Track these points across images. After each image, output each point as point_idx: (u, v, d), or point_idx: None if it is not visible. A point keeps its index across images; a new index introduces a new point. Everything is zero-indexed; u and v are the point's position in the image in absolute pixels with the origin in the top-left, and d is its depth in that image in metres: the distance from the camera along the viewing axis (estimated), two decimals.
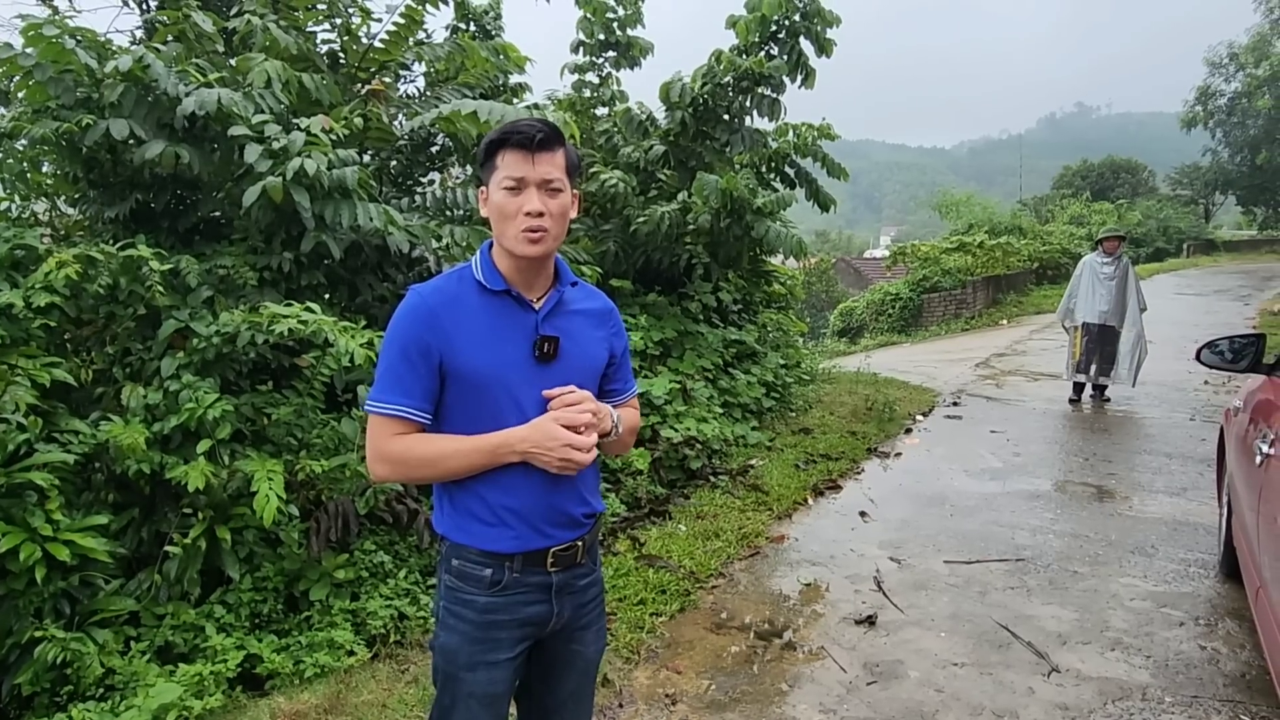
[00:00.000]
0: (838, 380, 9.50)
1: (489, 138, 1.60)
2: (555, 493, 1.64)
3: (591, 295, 1.79)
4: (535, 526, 1.63)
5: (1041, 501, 5.36)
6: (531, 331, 1.62)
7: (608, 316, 1.79)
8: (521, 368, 1.61)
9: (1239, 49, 39.60)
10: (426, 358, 1.57)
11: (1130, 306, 8.11)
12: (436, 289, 1.63)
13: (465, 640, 1.64)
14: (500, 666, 1.65)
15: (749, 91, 7.04)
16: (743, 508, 5.13)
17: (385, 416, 1.59)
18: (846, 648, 3.50)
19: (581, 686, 1.82)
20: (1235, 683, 3.18)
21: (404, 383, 1.58)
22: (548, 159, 1.57)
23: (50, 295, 3.20)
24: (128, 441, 3.09)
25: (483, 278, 1.62)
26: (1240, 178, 41.80)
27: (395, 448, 1.58)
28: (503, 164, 1.57)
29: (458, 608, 1.65)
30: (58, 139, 3.72)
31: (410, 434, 1.59)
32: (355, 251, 4.25)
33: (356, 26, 4.93)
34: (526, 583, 1.65)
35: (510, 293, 1.62)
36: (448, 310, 1.59)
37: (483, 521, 1.62)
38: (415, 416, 1.59)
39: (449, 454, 1.58)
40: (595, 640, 1.81)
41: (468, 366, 1.58)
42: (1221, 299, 18.66)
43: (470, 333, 1.59)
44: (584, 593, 1.74)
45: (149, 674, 2.92)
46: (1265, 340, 3.76)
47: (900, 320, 18.45)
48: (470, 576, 1.64)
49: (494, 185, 1.59)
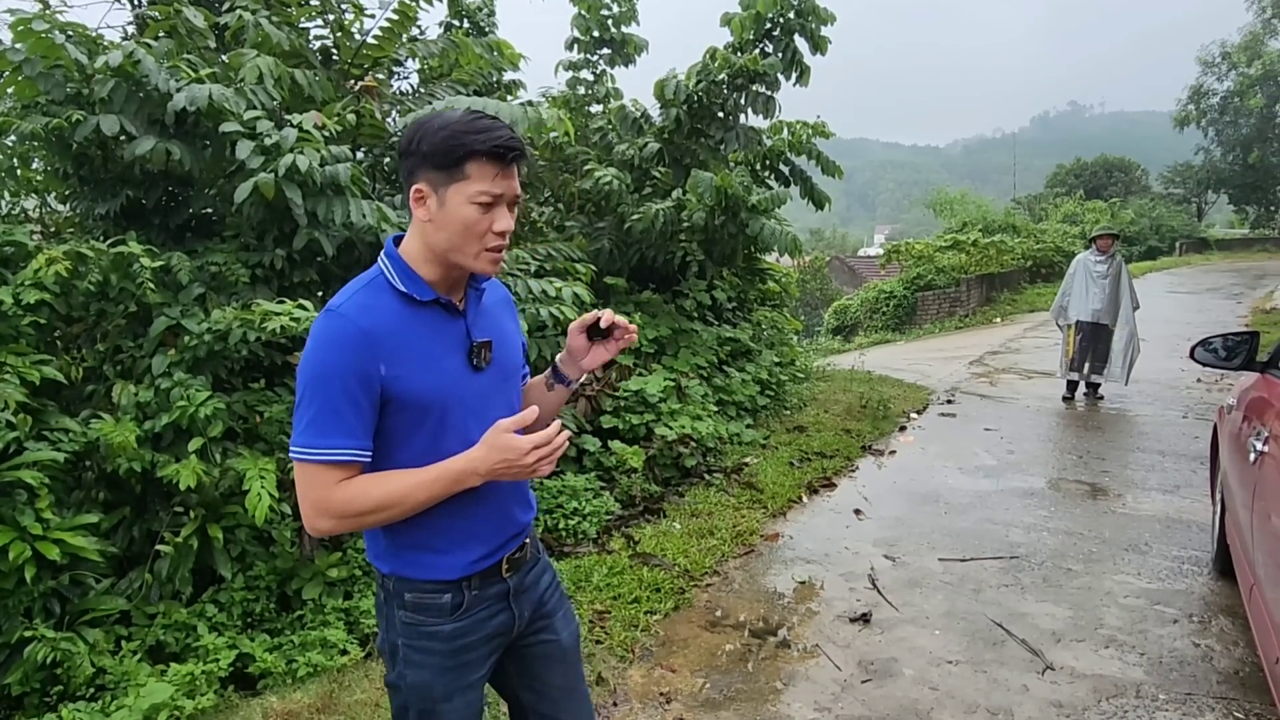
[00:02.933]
0: (832, 378, 9.50)
1: (450, 139, 1.39)
2: (505, 504, 1.59)
3: (494, 285, 1.66)
4: (489, 542, 1.57)
5: (1035, 499, 5.37)
6: (463, 340, 1.51)
7: (510, 303, 1.71)
8: (460, 381, 1.49)
9: (1231, 48, 39.79)
10: (368, 388, 1.39)
11: (1123, 305, 8.09)
12: (359, 306, 1.42)
13: (437, 673, 1.53)
14: (474, 687, 1.60)
15: (744, 89, 7.04)
16: (737, 506, 5.12)
17: (325, 465, 1.39)
18: (841, 646, 3.49)
19: (569, 678, 1.74)
20: (1229, 680, 3.19)
21: (345, 421, 1.38)
22: (515, 172, 1.45)
23: (40, 292, 3.18)
24: (119, 440, 3.07)
25: (404, 288, 1.45)
26: (1232, 176, 41.99)
27: (340, 497, 1.39)
28: (474, 175, 1.39)
29: (422, 641, 1.53)
30: (47, 135, 3.69)
31: (354, 478, 1.41)
32: (348, 249, 4.23)
33: (349, 22, 4.90)
34: (486, 596, 1.58)
35: (440, 301, 1.48)
36: (380, 329, 1.41)
37: (435, 551, 1.51)
38: (359, 457, 1.41)
39: (409, 491, 1.41)
40: (565, 624, 1.74)
41: (413, 391, 1.43)
42: (1214, 297, 18.72)
43: (409, 353, 1.43)
44: (538, 585, 1.69)
45: (140, 674, 2.90)
46: (1259, 338, 3.77)
47: (894, 318, 18.50)
48: (429, 607, 1.53)
49: (457, 196, 1.40)
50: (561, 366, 1.73)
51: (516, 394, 1.67)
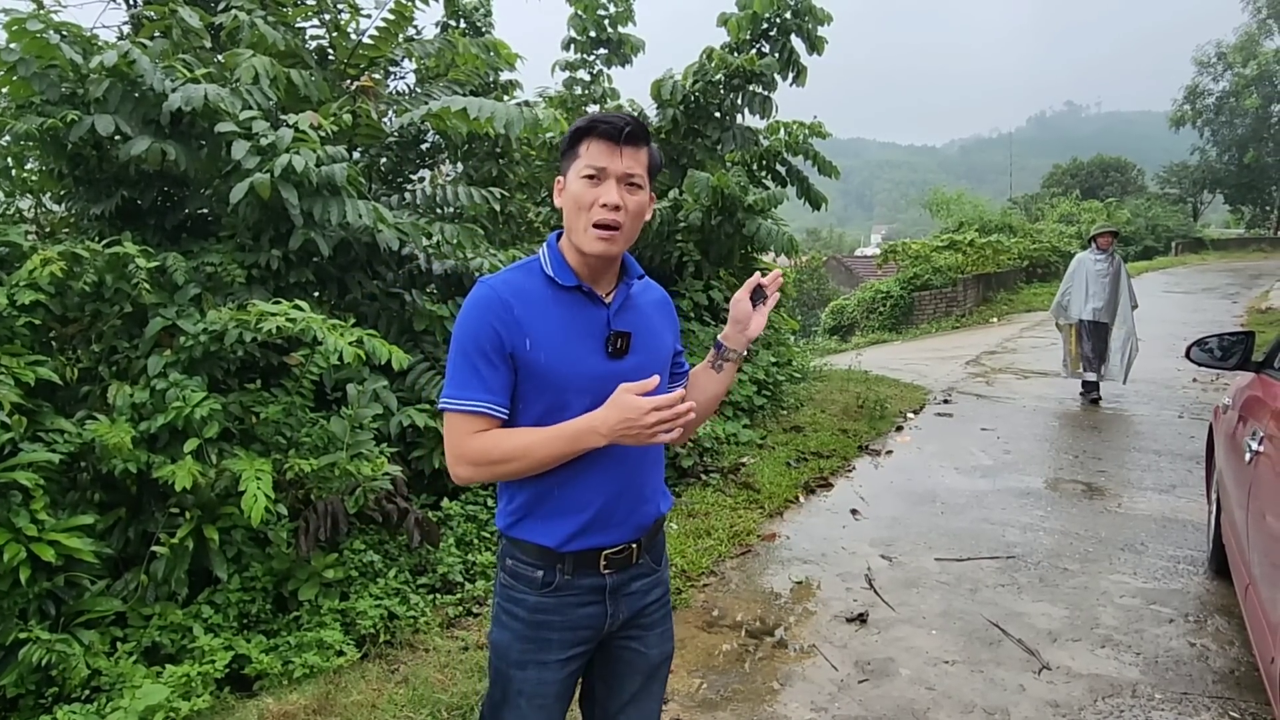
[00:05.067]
0: (829, 378, 9.51)
1: (575, 125, 1.55)
2: (624, 491, 1.61)
3: (649, 287, 1.75)
4: (594, 525, 1.59)
5: (1032, 499, 5.37)
6: (603, 327, 1.59)
7: (666, 306, 1.77)
8: (594, 365, 1.57)
9: (1227, 49, 39.90)
10: (500, 350, 1.52)
11: (1122, 303, 8.11)
12: (505, 281, 1.58)
13: (516, 638, 1.63)
14: (550, 667, 1.63)
15: (740, 89, 7.05)
16: (734, 506, 5.12)
17: (463, 414, 1.53)
18: (838, 646, 3.50)
19: (645, 689, 1.77)
20: (1224, 679, 3.19)
21: (481, 376, 1.53)
22: (632, 153, 1.53)
23: (35, 293, 3.16)
24: (114, 440, 3.05)
25: (552, 272, 1.58)
26: (1228, 176, 42.10)
27: (475, 446, 1.53)
28: (586, 153, 1.52)
29: (510, 605, 1.64)
30: (42, 135, 3.67)
31: (490, 430, 1.54)
32: (344, 249, 4.22)
33: (346, 22, 4.89)
34: (578, 585, 1.61)
35: (581, 288, 1.58)
36: (520, 303, 1.54)
37: (539, 516, 1.60)
38: (494, 412, 1.53)
39: (534, 445, 1.51)
40: (659, 642, 1.76)
41: (540, 363, 1.53)
42: (1210, 297, 18.77)
43: (542, 328, 1.54)
44: (643, 595, 1.70)
45: (135, 675, 2.88)
46: (1254, 338, 3.78)
47: (891, 318, 18.51)
48: (522, 576, 1.62)
49: (573, 174, 1.54)
50: (727, 341, 1.77)
51: (662, 389, 1.63)
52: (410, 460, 4.23)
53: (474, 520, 4.30)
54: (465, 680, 3.08)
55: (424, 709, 2.90)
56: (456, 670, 3.16)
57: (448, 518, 4.23)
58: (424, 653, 3.33)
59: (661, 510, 1.72)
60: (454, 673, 3.14)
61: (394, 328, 4.47)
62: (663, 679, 1.81)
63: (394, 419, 3.97)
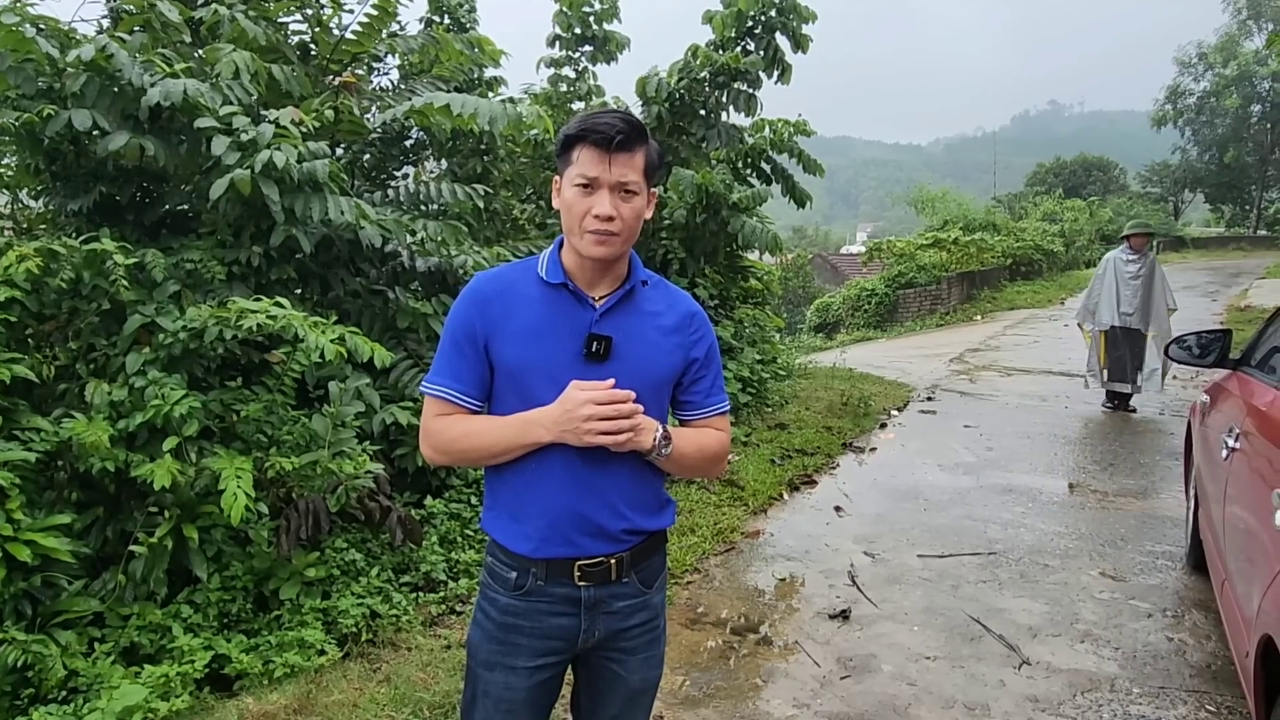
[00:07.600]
0: (814, 376, 9.55)
1: (566, 130, 1.52)
2: (582, 498, 1.55)
3: (671, 299, 1.67)
4: (558, 531, 1.56)
5: (1014, 495, 5.42)
6: (584, 328, 1.55)
7: (687, 322, 1.66)
8: (568, 365, 1.53)
9: (1208, 49, 40.30)
10: (473, 343, 1.57)
11: (1156, 307, 7.50)
12: (495, 276, 1.63)
13: (485, 637, 1.64)
14: (518, 673, 1.61)
15: (725, 87, 7.05)
16: (718, 503, 5.13)
17: (430, 398, 1.62)
18: (821, 642, 3.51)
19: (627, 713, 1.72)
20: (1201, 673, 3.23)
21: (453, 366, 1.59)
22: (625, 160, 1.49)
23: (10, 290, 3.12)
24: (91, 439, 3.02)
25: (543, 270, 1.59)
26: (1209, 176, 42.58)
27: (434, 427, 1.60)
28: (578, 160, 1.50)
29: (484, 604, 1.66)
30: (18, 130, 3.62)
31: (453, 415, 1.60)
32: (327, 246, 4.19)
33: (328, 18, 4.85)
34: (551, 593, 1.58)
35: (567, 286, 1.56)
36: (500, 298, 1.58)
37: (510, 517, 1.61)
38: (461, 401, 1.59)
39: (484, 429, 1.57)
40: (640, 669, 1.69)
41: (508, 356, 1.56)
42: (1190, 295, 18.92)
43: (519, 325, 1.56)
44: (626, 616, 1.64)
45: (114, 676, 2.86)
46: (1231, 336, 3.82)
47: (876, 316, 18.60)
48: (498, 576, 1.63)
49: (566, 180, 1.52)
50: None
51: (653, 408, 1.59)
52: (393, 458, 4.21)
53: (457, 518, 4.28)
54: (447, 679, 3.06)
55: (406, 708, 2.89)
56: (439, 669, 3.15)
57: (431, 516, 4.22)
58: (406, 651, 3.31)
59: (648, 526, 1.63)
60: (436, 671, 3.13)
61: (377, 325, 4.44)
62: (646, 706, 1.75)
63: (377, 417, 3.95)
